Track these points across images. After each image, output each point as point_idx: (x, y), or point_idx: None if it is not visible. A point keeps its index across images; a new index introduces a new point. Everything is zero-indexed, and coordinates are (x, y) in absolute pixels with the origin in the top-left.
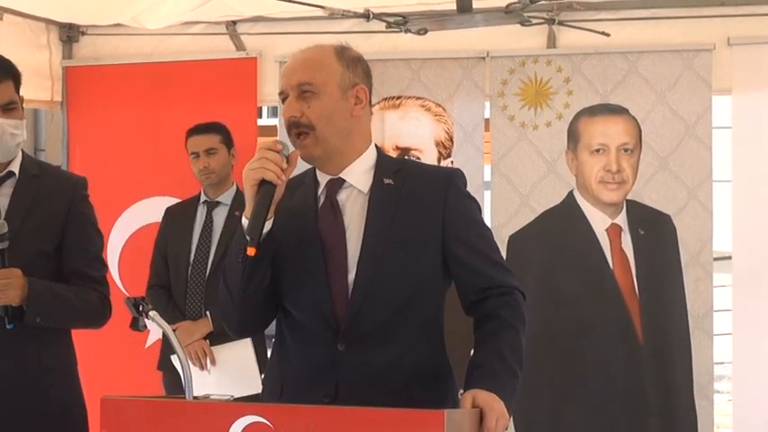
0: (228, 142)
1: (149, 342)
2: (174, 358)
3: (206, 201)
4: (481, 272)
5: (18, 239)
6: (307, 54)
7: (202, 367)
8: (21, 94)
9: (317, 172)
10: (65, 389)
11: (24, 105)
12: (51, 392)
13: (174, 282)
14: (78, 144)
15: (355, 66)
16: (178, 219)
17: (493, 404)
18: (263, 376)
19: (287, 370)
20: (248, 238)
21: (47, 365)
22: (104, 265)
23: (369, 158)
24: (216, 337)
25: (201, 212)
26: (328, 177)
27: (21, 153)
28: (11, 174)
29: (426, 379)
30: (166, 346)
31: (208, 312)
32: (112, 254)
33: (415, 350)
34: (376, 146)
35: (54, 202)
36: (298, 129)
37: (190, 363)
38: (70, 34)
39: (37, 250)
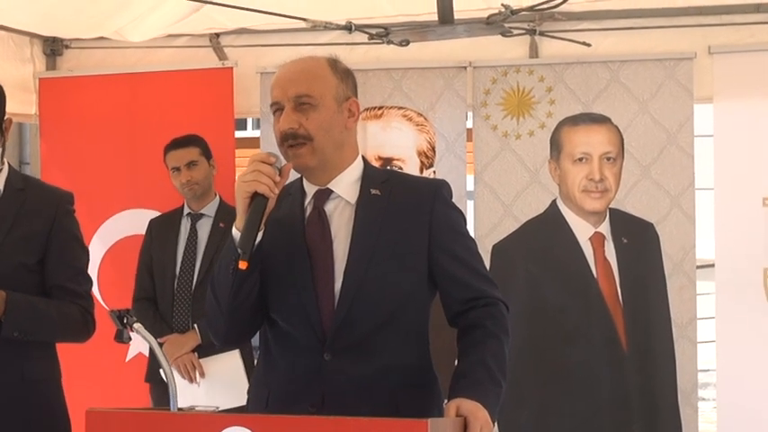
0: (207, 153)
1: (130, 355)
2: (161, 371)
3: (190, 213)
4: (466, 283)
5: (1, 253)
6: (302, 65)
7: (192, 380)
8: (6, 117)
9: (304, 182)
10: (48, 401)
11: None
12: (34, 405)
13: (160, 294)
14: (54, 156)
15: (347, 79)
16: (162, 231)
17: (477, 413)
18: (248, 386)
19: (273, 380)
20: (240, 251)
21: (29, 378)
22: (89, 280)
23: (356, 169)
24: (203, 350)
25: (185, 225)
26: (315, 188)
27: (7, 167)
28: None
29: (412, 388)
30: (154, 359)
31: (195, 325)
32: (91, 267)
33: (400, 360)
34: (363, 157)
35: (38, 215)
36: (295, 140)
37: (179, 375)
38: (54, 48)
39: (19, 263)
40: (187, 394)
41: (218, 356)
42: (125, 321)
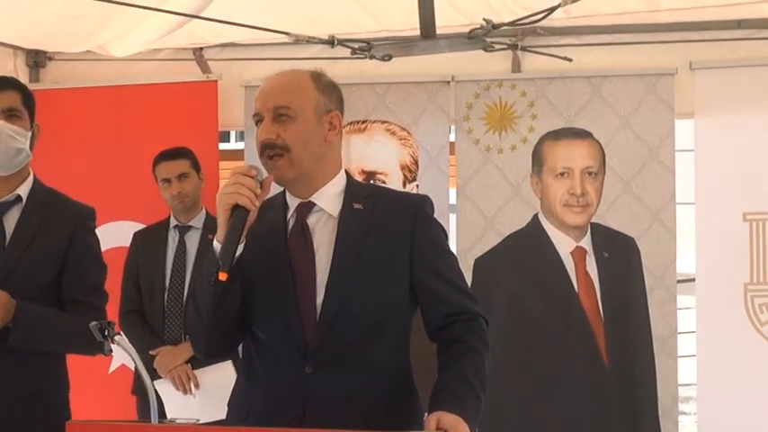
0: (197, 166)
1: (113, 367)
2: (157, 384)
3: (177, 225)
4: (446, 298)
5: (20, 266)
6: (284, 78)
7: (186, 391)
8: (35, 122)
9: (287, 195)
10: (56, 416)
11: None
12: (41, 419)
13: (149, 307)
14: (39, 168)
15: (330, 92)
16: (149, 244)
17: (457, 426)
18: (228, 399)
19: (254, 392)
20: (220, 262)
21: (38, 391)
22: (105, 295)
23: (339, 183)
24: (197, 361)
25: (173, 237)
26: (298, 201)
27: (32, 178)
28: (19, 198)
29: (393, 401)
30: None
31: (188, 336)
32: None
33: (381, 373)
34: (346, 171)
35: (58, 230)
36: (272, 150)
37: (173, 387)
38: (37, 60)
39: (38, 278)
40: (182, 406)
41: (212, 368)
42: (106, 333)
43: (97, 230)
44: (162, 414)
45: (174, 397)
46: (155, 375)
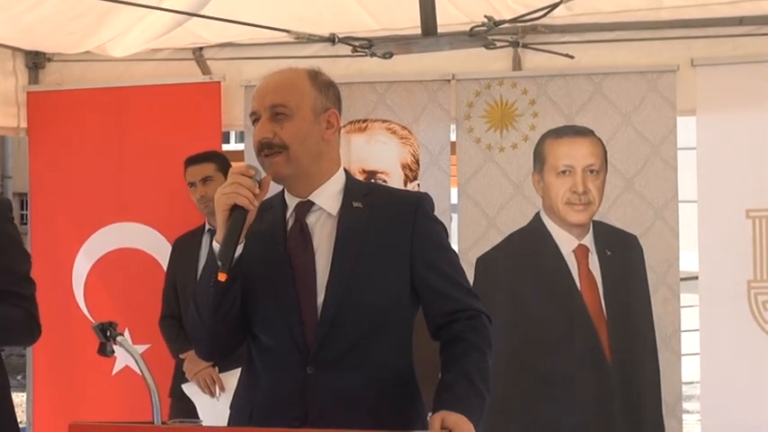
0: (225, 169)
1: (116, 369)
2: (185, 387)
3: (210, 229)
4: (448, 296)
5: None
6: (280, 76)
7: (212, 394)
8: None
9: (286, 195)
10: None
11: None
12: None
13: (185, 311)
14: (42, 169)
15: (327, 90)
16: (184, 250)
17: (462, 426)
18: (230, 401)
19: (256, 394)
20: (220, 263)
21: None
22: (32, 284)
23: (338, 182)
24: (224, 365)
25: (206, 241)
26: (297, 200)
27: None
28: None
29: (395, 401)
30: (178, 375)
31: (190, 339)
32: (77, 280)
33: (384, 372)
34: (345, 170)
35: None
36: (270, 149)
37: (200, 390)
38: (36, 61)
39: None
40: (209, 409)
41: (238, 371)
42: (108, 334)
43: (98, 233)
44: (195, 415)
45: (202, 399)
46: (184, 378)
